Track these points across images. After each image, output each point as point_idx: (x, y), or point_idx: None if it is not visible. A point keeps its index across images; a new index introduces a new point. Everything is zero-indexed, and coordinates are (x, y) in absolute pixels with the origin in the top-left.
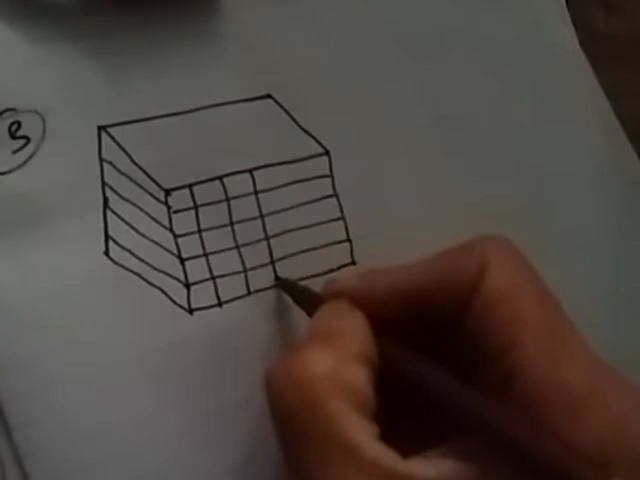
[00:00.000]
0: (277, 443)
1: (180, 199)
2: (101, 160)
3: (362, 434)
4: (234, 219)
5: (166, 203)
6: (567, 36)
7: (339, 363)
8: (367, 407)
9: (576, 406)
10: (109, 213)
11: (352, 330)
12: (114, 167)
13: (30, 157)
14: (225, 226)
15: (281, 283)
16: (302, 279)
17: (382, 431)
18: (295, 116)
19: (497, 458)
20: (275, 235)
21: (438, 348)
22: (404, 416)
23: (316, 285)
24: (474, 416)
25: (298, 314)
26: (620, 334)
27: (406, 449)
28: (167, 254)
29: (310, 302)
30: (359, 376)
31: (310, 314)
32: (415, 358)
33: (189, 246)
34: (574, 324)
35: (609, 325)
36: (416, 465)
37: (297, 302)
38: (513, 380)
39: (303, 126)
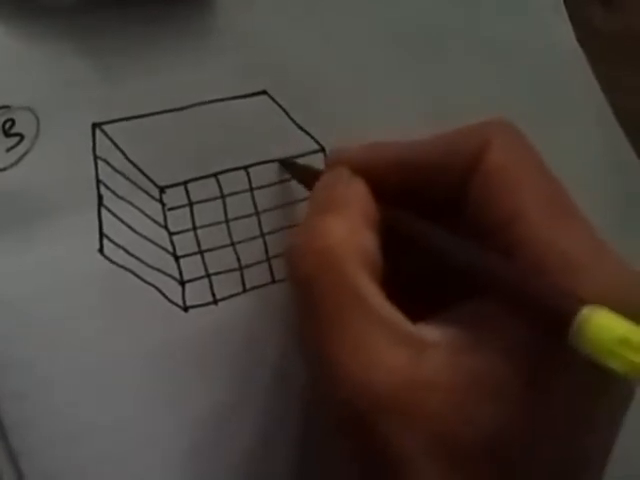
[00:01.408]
0: (295, 314)
1: (175, 196)
2: (95, 157)
3: (376, 295)
4: (229, 216)
5: (161, 200)
6: (565, 33)
7: (353, 229)
8: (378, 272)
9: (576, 268)
10: (104, 211)
11: (357, 196)
12: (108, 164)
13: (24, 155)
14: (220, 223)
15: (284, 164)
16: None
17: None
18: (291, 113)
19: (505, 320)
20: (271, 232)
21: (440, 225)
22: (406, 284)
23: None
24: (482, 272)
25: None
26: None
27: (410, 316)
28: (162, 251)
29: (312, 178)
30: (370, 241)
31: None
32: (418, 220)
33: (184, 243)
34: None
35: None
36: (423, 328)
37: (299, 180)
38: (515, 250)
39: (299, 123)
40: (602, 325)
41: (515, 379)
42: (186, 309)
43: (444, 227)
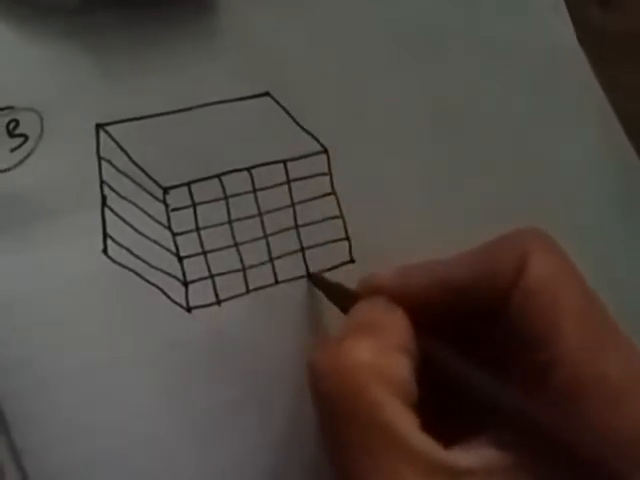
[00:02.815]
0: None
1: (178, 197)
2: (99, 158)
3: (406, 422)
4: (232, 217)
5: (164, 201)
6: (565, 33)
7: (382, 352)
8: (410, 397)
9: (616, 397)
10: (107, 211)
11: (393, 323)
12: (112, 165)
13: (28, 155)
14: (223, 224)
15: (313, 278)
16: (301, 277)
17: (422, 423)
18: (294, 114)
19: (534, 449)
20: (274, 233)
21: (476, 341)
22: (441, 411)
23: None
24: (510, 409)
25: (297, 312)
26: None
27: (444, 442)
28: (165, 252)
29: (344, 298)
30: (401, 366)
31: (344, 310)
32: (453, 354)
33: (187, 244)
34: (612, 315)
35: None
36: (458, 454)
37: (329, 298)
38: (552, 369)
39: (302, 124)
40: None
41: None
42: (189, 310)
43: (481, 342)
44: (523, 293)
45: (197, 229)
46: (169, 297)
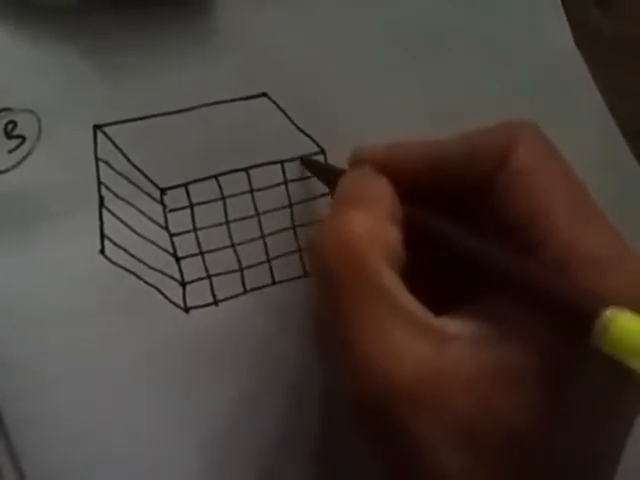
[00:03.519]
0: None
1: (176, 198)
2: (97, 159)
3: (399, 287)
4: (230, 218)
5: (162, 202)
6: (563, 34)
7: (376, 223)
8: (400, 265)
9: (600, 267)
10: (105, 212)
11: (381, 193)
12: (110, 166)
13: (26, 157)
14: (221, 225)
15: (305, 163)
16: (298, 277)
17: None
18: (291, 115)
19: (524, 315)
20: (271, 233)
21: (461, 223)
22: (427, 281)
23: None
24: (501, 270)
25: (294, 312)
26: None
27: (431, 310)
28: (163, 253)
29: (334, 176)
30: (394, 236)
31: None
32: (440, 218)
33: (185, 245)
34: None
35: None
36: (445, 321)
37: (322, 180)
38: (538, 249)
39: (299, 125)
40: (625, 326)
41: (536, 373)
42: (187, 310)
43: (466, 225)
44: (509, 175)
45: (194, 230)
46: (167, 297)
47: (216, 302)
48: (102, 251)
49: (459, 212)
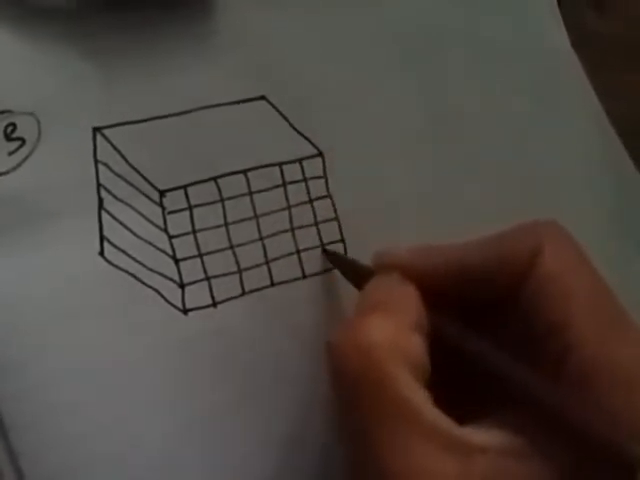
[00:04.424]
0: (335, 410)
1: (175, 200)
2: (96, 161)
3: (421, 399)
4: (229, 220)
5: (161, 204)
6: (559, 37)
7: (399, 331)
8: (423, 375)
9: (628, 382)
10: (104, 214)
11: (407, 301)
12: (109, 168)
13: (25, 159)
14: (220, 226)
15: (328, 256)
16: (296, 279)
17: (435, 401)
18: (289, 118)
19: (546, 433)
20: (269, 235)
21: (487, 327)
22: (452, 391)
23: (310, 285)
24: (523, 390)
25: (293, 314)
26: None
27: (455, 419)
28: (162, 254)
29: (358, 274)
30: (417, 344)
31: (358, 286)
32: (466, 331)
33: (184, 246)
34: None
35: None
36: (471, 431)
37: (344, 274)
38: (566, 358)
39: (297, 128)
40: None
41: None
42: (186, 311)
43: (493, 329)
44: (537, 282)
45: (193, 231)
46: (165, 299)
47: (215, 304)
48: (101, 253)
49: (485, 316)
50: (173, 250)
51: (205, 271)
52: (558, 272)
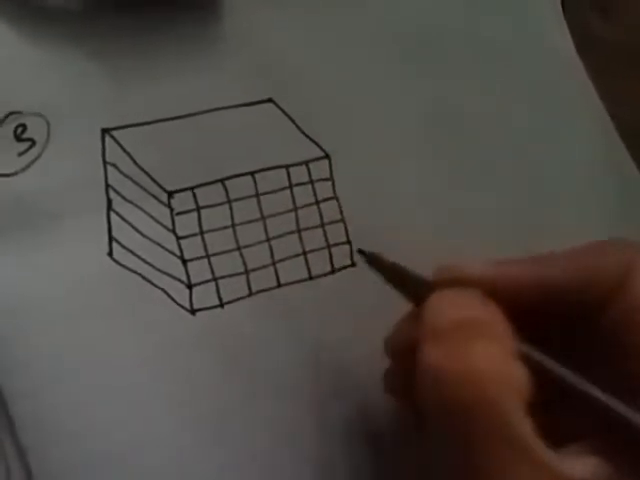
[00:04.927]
0: (428, 436)
1: (183, 201)
2: (105, 163)
3: (531, 433)
4: (236, 221)
5: (169, 205)
6: (563, 41)
7: (505, 358)
8: (526, 403)
9: None
10: (113, 215)
11: (500, 323)
12: (118, 169)
13: (35, 159)
14: (227, 228)
15: (368, 258)
16: (303, 280)
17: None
18: (296, 120)
19: (633, 458)
20: (276, 237)
21: (566, 342)
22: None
23: (317, 286)
24: (610, 417)
25: (299, 315)
26: None
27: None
28: (170, 255)
29: (413, 284)
30: (521, 373)
31: (414, 297)
32: (549, 354)
33: (191, 247)
34: None
35: None
36: (568, 463)
37: (389, 280)
38: None
39: (304, 130)
40: None
41: None
42: (193, 312)
43: (572, 343)
44: (624, 308)
45: (201, 232)
46: (173, 299)
47: (222, 304)
48: (110, 253)
49: (571, 334)
50: (181, 251)
51: (212, 272)
52: None
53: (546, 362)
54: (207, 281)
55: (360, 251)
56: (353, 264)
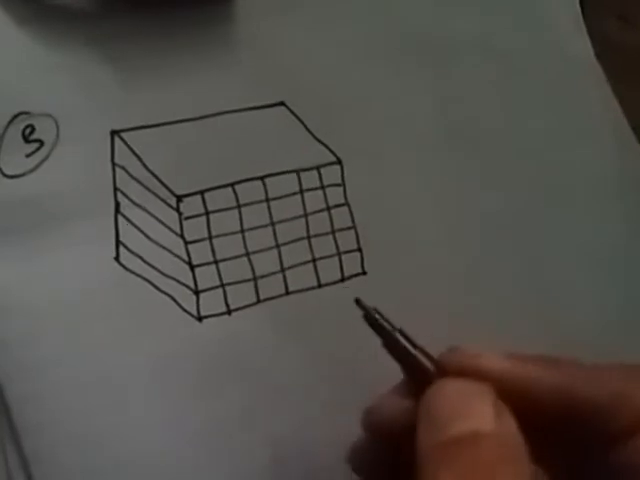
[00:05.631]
0: None
1: (191, 205)
2: (113, 165)
3: None
4: (245, 226)
5: (177, 209)
6: (583, 47)
7: None
8: None
9: None
10: (120, 218)
11: (514, 447)
12: (126, 172)
13: (43, 161)
14: (236, 233)
15: (368, 317)
16: (312, 288)
17: None
18: (308, 124)
19: None
20: (286, 243)
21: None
22: None
23: (326, 295)
24: None
25: (307, 323)
26: (622, 343)
27: None
28: (177, 260)
29: (417, 364)
30: None
31: (412, 373)
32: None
33: (199, 253)
34: None
35: (611, 336)
36: None
37: (388, 347)
38: None
39: (316, 135)
40: None
41: None
42: (200, 318)
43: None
44: (636, 449)
45: (209, 237)
46: (180, 305)
47: (229, 311)
48: (117, 258)
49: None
50: (189, 256)
51: (220, 278)
52: None
53: None
54: (215, 287)
55: (358, 302)
56: (364, 272)
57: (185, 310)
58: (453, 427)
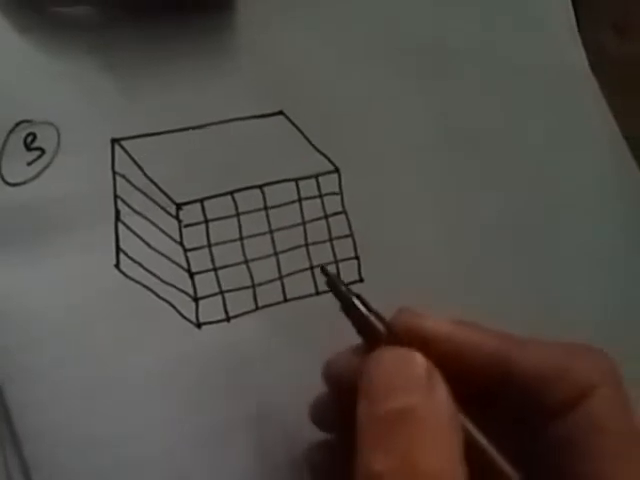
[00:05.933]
0: None
1: (191, 213)
2: (114, 173)
3: None
4: (244, 234)
5: (177, 217)
6: (578, 59)
7: (453, 462)
8: None
9: None
10: (121, 226)
11: (445, 415)
12: (127, 180)
13: (44, 169)
14: (235, 241)
15: (329, 280)
16: (309, 295)
17: None
18: (307, 133)
19: None
20: (284, 251)
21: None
22: None
23: (323, 302)
24: None
25: (305, 330)
26: (622, 347)
27: None
28: (177, 268)
29: (368, 327)
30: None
31: (364, 335)
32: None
33: (199, 260)
34: None
35: (611, 336)
36: None
37: (344, 310)
38: None
39: (314, 143)
40: None
41: None
42: (199, 325)
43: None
44: (577, 426)
45: (209, 245)
46: (179, 312)
47: (228, 318)
48: (117, 265)
49: (507, 418)
50: (188, 263)
51: (219, 285)
52: (600, 426)
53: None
54: (214, 294)
55: (323, 270)
56: (361, 280)
57: (184, 317)
58: (387, 402)
